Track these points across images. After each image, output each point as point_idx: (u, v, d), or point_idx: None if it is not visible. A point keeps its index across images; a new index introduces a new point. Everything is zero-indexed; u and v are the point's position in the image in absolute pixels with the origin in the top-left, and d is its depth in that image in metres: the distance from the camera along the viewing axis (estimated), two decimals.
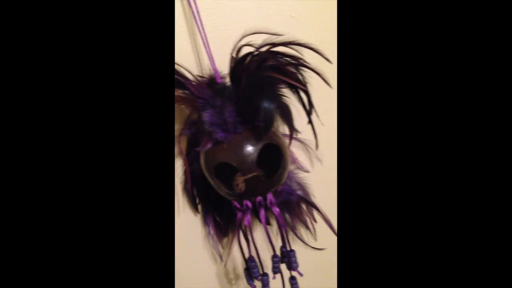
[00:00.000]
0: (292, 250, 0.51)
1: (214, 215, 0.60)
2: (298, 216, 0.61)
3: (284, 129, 0.59)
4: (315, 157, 0.66)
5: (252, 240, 0.50)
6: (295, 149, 0.65)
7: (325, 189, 0.66)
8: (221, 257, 0.64)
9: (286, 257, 0.51)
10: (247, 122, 0.47)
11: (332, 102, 0.62)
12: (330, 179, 0.68)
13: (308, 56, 0.50)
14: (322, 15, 0.61)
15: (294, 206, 0.60)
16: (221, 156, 0.47)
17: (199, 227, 0.62)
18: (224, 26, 0.55)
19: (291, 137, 0.57)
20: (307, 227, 0.63)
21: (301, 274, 0.52)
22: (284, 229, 0.51)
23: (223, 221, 0.60)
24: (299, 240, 0.62)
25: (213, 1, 0.54)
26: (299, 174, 0.62)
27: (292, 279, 0.52)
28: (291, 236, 0.62)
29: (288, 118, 0.56)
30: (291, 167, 0.62)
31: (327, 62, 0.48)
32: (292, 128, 0.56)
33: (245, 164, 0.47)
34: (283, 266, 0.53)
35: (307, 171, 0.66)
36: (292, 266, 0.51)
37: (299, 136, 0.63)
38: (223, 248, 0.64)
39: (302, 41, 0.49)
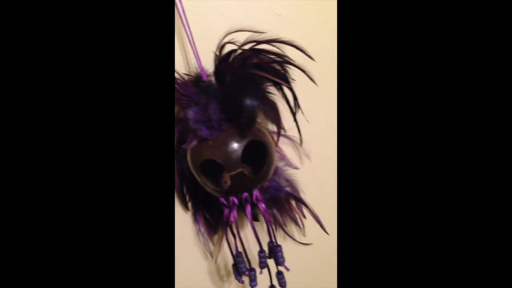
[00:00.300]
0: (278, 246, 0.52)
1: (204, 213, 0.61)
2: (287, 212, 0.62)
3: (273, 126, 0.60)
4: (304, 153, 0.67)
5: (239, 236, 0.51)
6: (284, 146, 0.66)
7: (314, 185, 0.67)
8: (211, 254, 0.65)
9: (273, 253, 0.51)
10: (232, 119, 0.48)
11: (317, 99, 0.63)
12: (319, 175, 0.69)
13: (298, 53, 0.50)
14: (309, 12, 0.62)
15: (283, 202, 0.61)
16: (206, 153, 0.48)
17: (189, 225, 0.63)
18: (211, 24, 0.55)
19: (278, 134, 0.57)
20: (296, 223, 0.63)
21: (287, 269, 0.53)
22: (270, 225, 0.51)
23: (212, 218, 0.61)
24: (290, 237, 0.62)
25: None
26: (288, 171, 0.63)
27: (279, 274, 0.53)
28: (281, 232, 0.62)
29: (275, 115, 0.56)
30: (279, 163, 0.63)
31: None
32: (279, 125, 0.57)
33: (230, 161, 0.47)
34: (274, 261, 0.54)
35: (296, 168, 0.66)
36: (278, 261, 0.51)
37: (289, 133, 0.63)
38: (214, 245, 0.65)
39: (286, 38, 0.49)
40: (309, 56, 0.49)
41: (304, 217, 0.64)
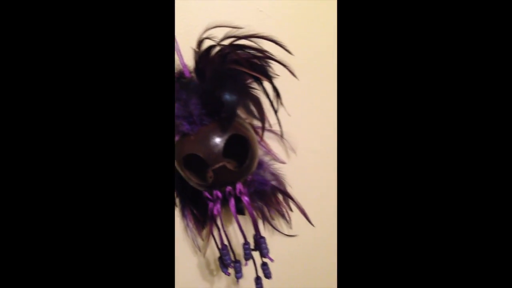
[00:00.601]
0: (262, 237, 0.52)
1: (191, 208, 0.62)
2: (273, 205, 0.62)
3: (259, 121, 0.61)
4: (290, 148, 0.68)
5: (223, 229, 0.52)
6: (270, 141, 0.66)
7: (301, 179, 0.68)
8: (199, 248, 0.66)
9: (257, 244, 0.52)
10: (212, 114, 0.49)
11: (300, 93, 0.63)
12: (306, 168, 0.70)
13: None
14: (290, 8, 0.62)
15: (269, 196, 0.62)
16: (188, 148, 0.49)
17: (177, 220, 0.64)
18: (193, 22, 0.56)
19: (263, 129, 0.58)
20: (283, 216, 0.64)
21: (271, 260, 0.54)
22: (253, 217, 0.52)
23: (200, 213, 0.62)
24: (275, 229, 0.63)
25: None
26: (274, 165, 0.64)
27: (264, 265, 0.54)
28: (271, 224, 0.64)
29: (258, 110, 0.57)
30: (265, 158, 0.64)
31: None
32: (263, 120, 0.58)
33: (212, 155, 0.48)
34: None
35: (283, 162, 0.67)
36: (262, 252, 0.52)
37: (274, 128, 0.64)
38: (202, 239, 0.66)
39: (265, 33, 0.50)
40: (287, 51, 0.50)
41: (291, 210, 0.65)
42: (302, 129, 0.67)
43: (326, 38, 0.63)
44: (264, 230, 0.66)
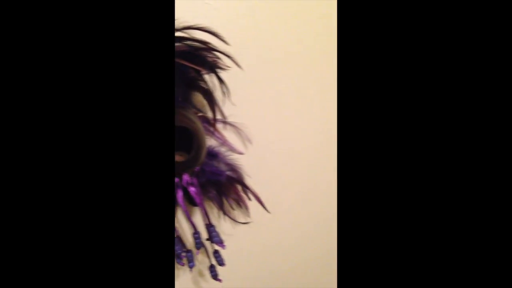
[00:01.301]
0: (211, 225, 0.54)
1: None
2: (229, 195, 0.64)
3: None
4: (246, 138, 0.69)
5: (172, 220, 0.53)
6: (226, 133, 0.67)
7: (258, 168, 0.69)
8: None
9: (208, 232, 0.53)
10: None
11: (244, 83, 0.64)
12: (263, 158, 0.71)
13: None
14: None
15: (225, 186, 0.63)
16: None
17: None
18: None
19: (214, 120, 0.59)
20: (239, 205, 0.65)
21: (223, 247, 0.55)
22: (202, 207, 0.53)
23: None
24: (230, 218, 0.64)
25: None
26: (230, 156, 0.65)
27: (215, 252, 0.55)
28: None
29: (209, 102, 0.58)
30: (221, 149, 0.65)
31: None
32: (214, 112, 0.59)
33: None
34: None
35: (240, 153, 0.68)
36: (213, 240, 0.53)
37: (230, 119, 0.65)
38: None
39: (203, 25, 0.51)
40: (224, 41, 0.51)
41: (249, 199, 0.67)
42: (259, 120, 0.68)
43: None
44: (224, 220, 0.67)
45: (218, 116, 0.62)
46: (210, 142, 0.63)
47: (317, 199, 0.77)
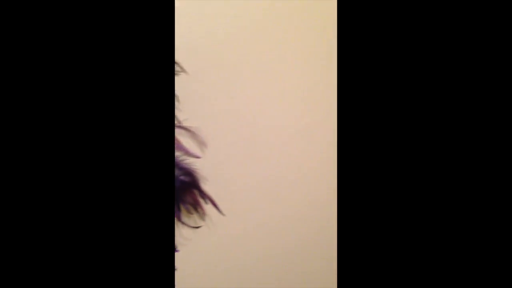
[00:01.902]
0: None
1: None
2: (184, 200, 0.64)
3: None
4: (201, 142, 0.69)
5: None
6: (182, 137, 0.67)
7: (215, 171, 0.69)
8: None
9: None
10: None
11: (193, 87, 0.65)
12: (219, 161, 0.71)
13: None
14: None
15: (178, 191, 0.63)
16: None
17: None
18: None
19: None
20: (195, 210, 0.65)
21: (176, 251, 0.55)
22: None
23: None
24: (182, 223, 0.64)
25: None
26: (186, 160, 0.65)
27: None
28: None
29: None
30: (176, 153, 0.64)
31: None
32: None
33: None
34: None
35: (197, 157, 0.68)
36: None
37: (184, 123, 0.66)
38: None
39: None
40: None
41: (206, 203, 0.67)
42: (215, 123, 0.69)
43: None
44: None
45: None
46: None
47: (278, 200, 0.78)
